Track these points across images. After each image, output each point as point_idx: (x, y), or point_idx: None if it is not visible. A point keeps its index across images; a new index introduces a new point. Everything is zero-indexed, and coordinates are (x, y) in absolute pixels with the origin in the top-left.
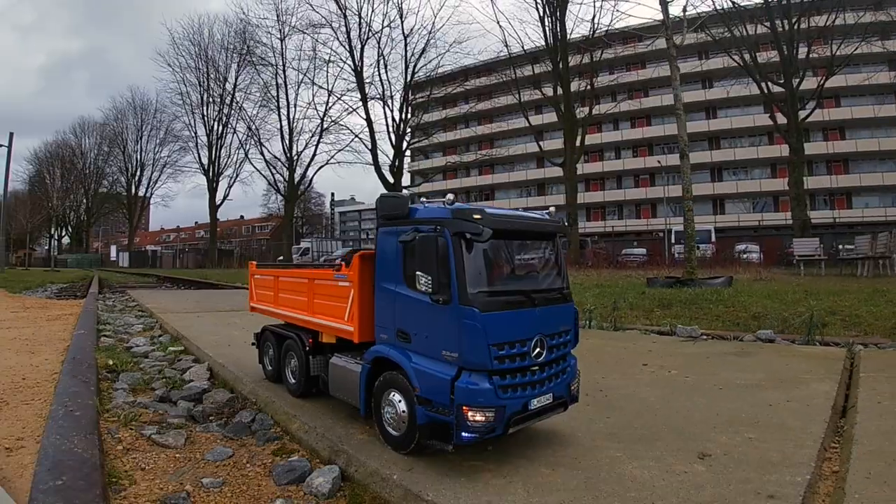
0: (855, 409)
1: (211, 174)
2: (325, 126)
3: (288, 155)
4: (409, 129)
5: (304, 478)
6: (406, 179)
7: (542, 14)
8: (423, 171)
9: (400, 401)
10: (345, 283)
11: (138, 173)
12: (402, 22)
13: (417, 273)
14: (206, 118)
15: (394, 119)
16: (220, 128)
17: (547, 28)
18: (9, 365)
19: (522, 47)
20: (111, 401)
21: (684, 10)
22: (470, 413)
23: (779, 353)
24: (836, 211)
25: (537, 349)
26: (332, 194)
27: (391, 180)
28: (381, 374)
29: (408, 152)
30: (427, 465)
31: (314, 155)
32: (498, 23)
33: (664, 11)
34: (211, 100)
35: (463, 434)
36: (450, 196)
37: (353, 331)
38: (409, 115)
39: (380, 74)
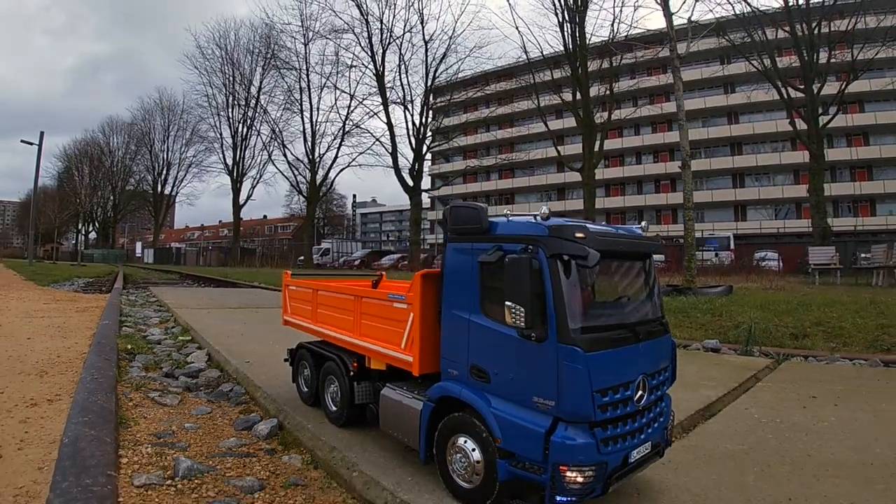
0: (719, 414)
1: (235, 175)
2: (346, 129)
3: (310, 157)
4: (429, 133)
5: (253, 426)
6: (426, 183)
7: (561, 20)
8: (443, 174)
9: (474, 449)
10: (401, 304)
11: (164, 172)
12: (422, 27)
13: (507, 303)
14: (231, 120)
15: (414, 123)
16: (245, 130)
17: (566, 33)
18: (46, 346)
19: (541, 53)
20: (127, 374)
21: (689, 20)
22: (568, 473)
23: (707, 361)
24: (859, 218)
25: (640, 392)
26: (354, 196)
27: (410, 183)
28: (447, 413)
29: (428, 155)
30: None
31: (336, 157)
32: (517, 28)
33: (668, 23)
34: (236, 102)
35: (558, 498)
36: (545, 209)
37: (413, 361)
38: (429, 119)
39: (401, 79)
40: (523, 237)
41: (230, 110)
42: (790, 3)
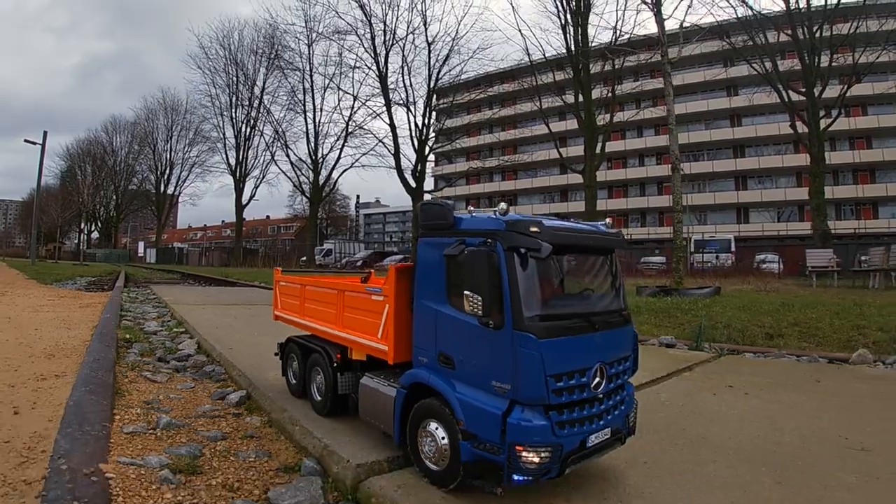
0: None
1: (238, 175)
2: (349, 130)
3: (313, 158)
4: (432, 134)
5: (226, 396)
6: (430, 184)
7: (564, 22)
8: (446, 175)
9: (441, 433)
10: (379, 297)
11: (167, 172)
12: (425, 29)
13: (465, 293)
14: (234, 120)
15: (416, 124)
16: (248, 130)
17: (569, 36)
18: (52, 336)
19: (544, 55)
20: (125, 358)
21: (682, 25)
22: (524, 453)
23: (654, 355)
24: (861, 221)
25: (597, 379)
26: (358, 197)
27: (413, 184)
28: (419, 399)
29: (431, 157)
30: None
31: (339, 158)
32: (520, 31)
33: (660, 29)
34: (239, 102)
35: (515, 476)
36: (503, 205)
37: (388, 350)
38: (431, 121)
39: (403, 80)
40: (483, 231)
41: (233, 110)
42: (791, 7)
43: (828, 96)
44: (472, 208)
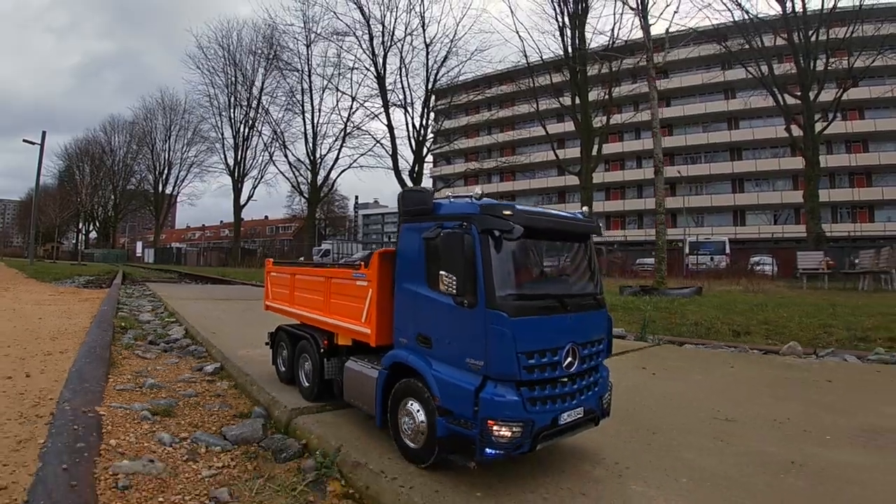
0: None
1: (236, 175)
2: (347, 131)
3: (311, 158)
4: (430, 135)
5: (203, 368)
6: (428, 184)
7: (561, 24)
8: (444, 176)
9: (419, 410)
10: (363, 282)
11: (166, 172)
12: (423, 31)
13: (441, 273)
14: (232, 120)
15: (414, 125)
16: (246, 130)
17: (566, 38)
18: (55, 324)
19: (541, 57)
20: (120, 340)
21: (667, 31)
22: (495, 427)
23: None
24: (857, 224)
25: (569, 359)
26: (356, 197)
27: (411, 185)
28: (399, 380)
29: (429, 157)
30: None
31: (337, 158)
32: (517, 33)
33: (645, 34)
34: (238, 103)
35: (487, 450)
36: (478, 190)
37: (370, 333)
38: (429, 122)
39: (402, 81)
40: (460, 215)
41: (232, 110)
42: (787, 11)
43: (824, 100)
44: (450, 193)
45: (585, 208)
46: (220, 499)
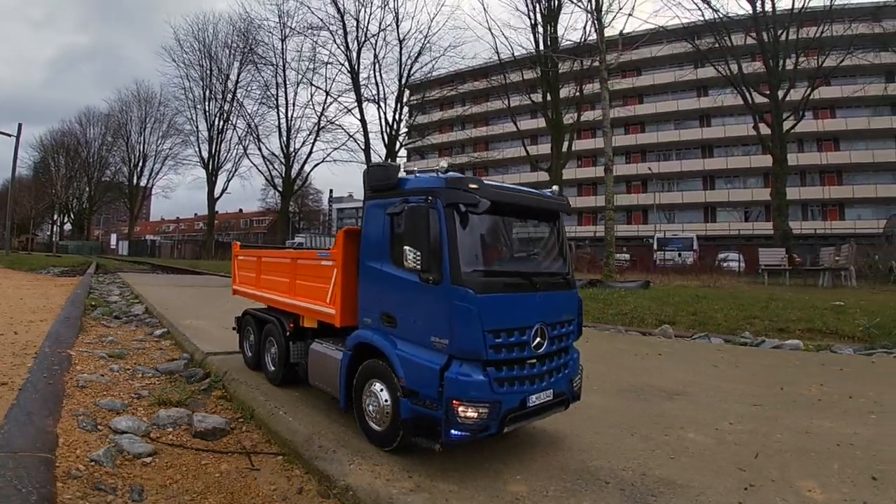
0: None
1: (210, 168)
2: (321, 125)
3: (285, 152)
4: (403, 130)
5: (153, 332)
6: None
7: (534, 22)
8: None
9: (382, 391)
10: (328, 262)
11: (140, 164)
12: (397, 26)
13: (405, 248)
14: (207, 113)
15: (387, 121)
16: (221, 123)
17: (538, 36)
18: (35, 302)
19: (513, 54)
20: (90, 315)
21: (621, 32)
22: (461, 408)
23: None
24: (828, 222)
25: (538, 339)
26: (331, 191)
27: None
28: (363, 361)
29: (402, 152)
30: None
31: (310, 152)
32: (490, 30)
33: (599, 36)
34: (213, 96)
35: (452, 431)
36: (443, 164)
37: (335, 314)
38: (402, 117)
39: (375, 76)
40: (425, 189)
41: (207, 103)
42: (757, 10)
43: (795, 99)
44: (416, 168)
45: (556, 187)
46: (140, 394)
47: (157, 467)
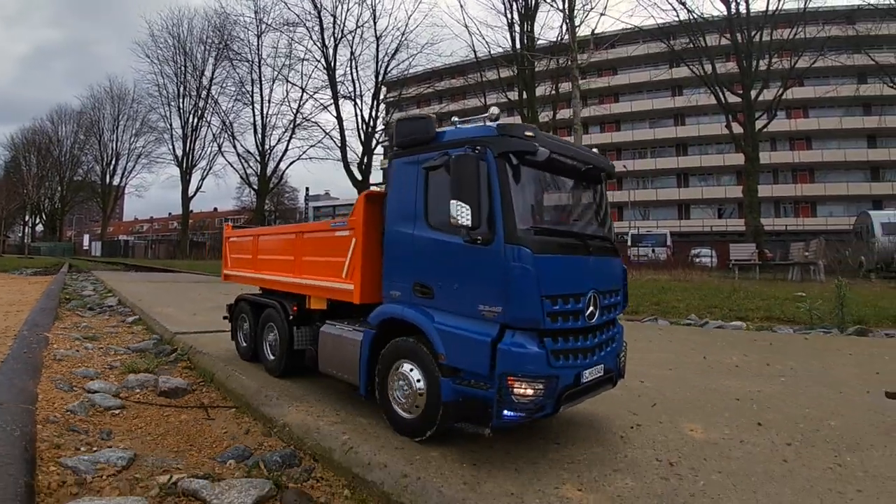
0: None
1: (185, 166)
2: (297, 122)
3: (260, 149)
4: (380, 127)
5: (125, 320)
6: (378, 177)
7: (511, 21)
8: None
9: (413, 370)
10: (344, 231)
11: (113, 162)
12: (374, 23)
13: (452, 202)
14: (181, 110)
15: (364, 118)
16: (195, 120)
17: (515, 34)
18: (11, 297)
19: (489, 52)
20: (64, 306)
21: (593, 32)
22: (516, 385)
23: None
24: (800, 218)
25: (591, 308)
26: (307, 189)
27: (359, 177)
28: (389, 340)
29: (379, 150)
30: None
31: (286, 150)
32: (467, 28)
33: (571, 35)
34: (187, 93)
35: (506, 412)
36: (494, 110)
37: (354, 289)
38: (379, 114)
39: (352, 73)
40: (471, 139)
41: (181, 100)
42: (732, 12)
43: (768, 98)
44: (456, 119)
45: (595, 149)
46: (112, 365)
47: (124, 417)
